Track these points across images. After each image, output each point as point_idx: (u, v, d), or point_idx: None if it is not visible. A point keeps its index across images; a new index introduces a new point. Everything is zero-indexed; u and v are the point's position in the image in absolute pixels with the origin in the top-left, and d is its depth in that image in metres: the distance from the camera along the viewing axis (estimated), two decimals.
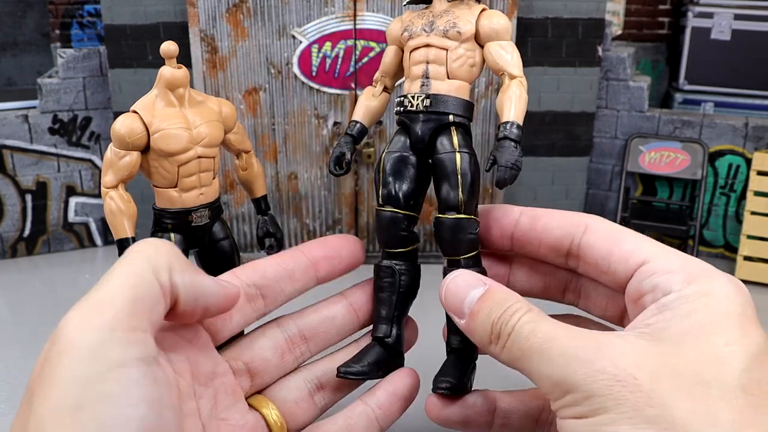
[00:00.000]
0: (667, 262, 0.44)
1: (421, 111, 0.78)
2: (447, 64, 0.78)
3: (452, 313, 0.50)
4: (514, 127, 0.70)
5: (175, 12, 1.89)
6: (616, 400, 0.36)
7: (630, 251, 0.47)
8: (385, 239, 0.81)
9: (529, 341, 0.42)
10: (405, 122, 0.81)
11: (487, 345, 0.46)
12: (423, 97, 0.78)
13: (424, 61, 0.79)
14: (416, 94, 0.80)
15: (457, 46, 0.78)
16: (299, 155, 2.01)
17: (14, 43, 2.73)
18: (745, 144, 2.04)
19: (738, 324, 0.39)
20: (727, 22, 2.45)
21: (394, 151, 0.80)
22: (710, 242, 2.14)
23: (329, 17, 1.85)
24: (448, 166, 0.69)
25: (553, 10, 1.92)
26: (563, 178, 2.07)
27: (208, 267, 1.17)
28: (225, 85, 1.90)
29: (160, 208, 1.07)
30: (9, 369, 1.46)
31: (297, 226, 2.05)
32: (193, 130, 1.04)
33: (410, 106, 0.79)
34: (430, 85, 0.79)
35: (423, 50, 0.80)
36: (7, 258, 2.05)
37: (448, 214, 0.67)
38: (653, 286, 0.44)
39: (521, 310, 0.44)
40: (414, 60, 0.81)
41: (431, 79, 0.79)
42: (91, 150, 2.08)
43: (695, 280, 0.42)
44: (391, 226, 0.78)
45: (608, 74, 2.11)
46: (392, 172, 0.78)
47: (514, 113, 0.70)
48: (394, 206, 0.76)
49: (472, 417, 0.55)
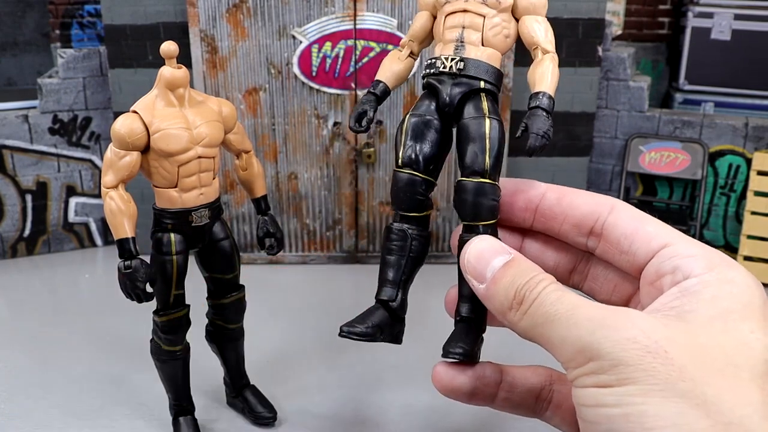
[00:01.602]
0: (689, 247, 0.44)
1: (453, 73, 0.78)
2: (483, 31, 0.78)
3: (473, 276, 0.49)
4: (546, 98, 0.70)
5: (175, 12, 1.89)
6: (647, 371, 0.35)
7: (653, 233, 0.47)
8: (401, 201, 0.80)
9: (555, 307, 0.41)
10: (433, 85, 0.81)
11: (506, 311, 0.45)
12: (457, 59, 0.78)
13: (460, 26, 0.79)
14: (450, 56, 0.80)
15: (495, 14, 0.78)
16: (299, 155, 2.01)
17: (14, 43, 2.73)
18: (745, 144, 2.05)
19: (761, 312, 0.39)
20: (727, 22, 2.46)
21: (418, 114, 0.80)
22: (710, 242, 2.14)
23: (329, 17, 1.85)
24: (477, 130, 0.68)
25: (553, 10, 1.92)
26: (563, 178, 2.07)
27: (208, 267, 1.18)
28: (225, 85, 1.91)
29: (160, 208, 1.07)
30: (9, 369, 1.47)
31: (297, 226, 2.05)
32: (193, 130, 1.04)
33: (443, 67, 0.79)
34: (465, 49, 0.79)
35: (460, 15, 0.80)
36: (7, 258, 2.06)
37: (472, 177, 0.67)
38: (674, 267, 0.43)
39: (547, 279, 0.44)
40: (449, 25, 0.81)
41: (466, 44, 0.79)
42: (91, 150, 2.09)
43: (716, 267, 0.42)
44: (409, 189, 0.77)
45: (608, 74, 2.11)
46: (415, 134, 0.77)
47: (546, 84, 0.70)
48: (414, 169, 0.76)
49: (479, 388, 0.54)
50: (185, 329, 1.12)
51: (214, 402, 1.30)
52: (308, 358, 1.47)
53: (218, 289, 1.16)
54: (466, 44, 0.82)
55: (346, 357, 1.47)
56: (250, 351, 1.25)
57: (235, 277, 1.16)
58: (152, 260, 1.06)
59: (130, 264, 0.97)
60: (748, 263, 1.92)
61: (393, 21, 1.81)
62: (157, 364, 1.14)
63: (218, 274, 1.15)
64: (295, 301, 1.75)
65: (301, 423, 1.26)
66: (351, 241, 2.00)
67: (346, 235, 1.99)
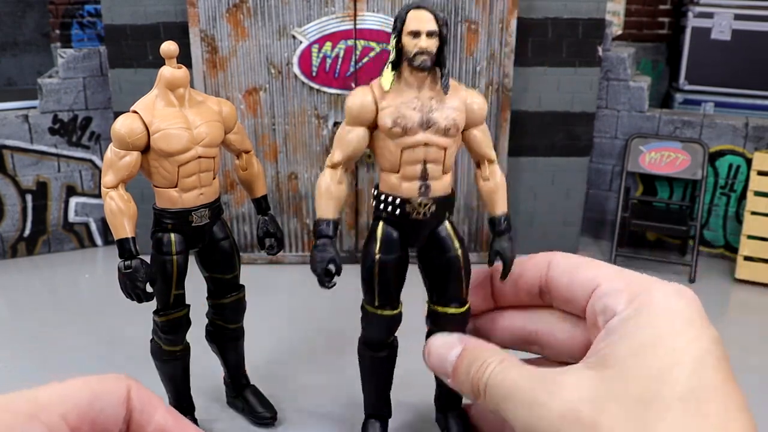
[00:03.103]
0: (614, 282, 0.47)
1: (423, 218, 0.82)
2: (444, 161, 0.80)
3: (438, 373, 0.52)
4: (505, 222, 0.76)
5: (175, 12, 1.89)
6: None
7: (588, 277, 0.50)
8: (385, 337, 0.89)
9: (499, 391, 0.44)
10: (400, 224, 0.85)
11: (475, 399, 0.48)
12: (429, 204, 0.81)
13: (421, 161, 0.80)
14: (420, 200, 0.82)
15: (453, 141, 0.80)
16: (299, 155, 2.02)
17: (14, 43, 2.73)
18: (745, 144, 2.04)
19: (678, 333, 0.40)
20: (727, 22, 2.46)
21: (389, 257, 0.84)
22: (710, 242, 2.14)
23: (329, 17, 1.85)
24: (454, 264, 0.73)
25: (553, 10, 1.92)
26: (563, 178, 2.07)
27: (208, 267, 1.18)
28: (225, 85, 1.90)
29: (160, 208, 1.07)
30: (9, 369, 1.47)
31: (297, 226, 2.05)
32: (194, 130, 1.04)
33: (415, 214, 0.82)
34: (431, 188, 0.81)
35: (421, 149, 0.80)
36: (7, 258, 2.06)
37: (454, 307, 0.73)
38: (603, 307, 0.46)
39: (494, 362, 0.47)
40: (407, 159, 0.81)
41: (430, 180, 0.81)
42: (92, 150, 2.09)
43: (636, 297, 0.44)
44: (393, 326, 0.84)
45: (608, 74, 2.11)
46: (389, 277, 0.82)
47: (503, 206, 0.75)
48: (393, 308, 0.81)
49: None
50: (185, 329, 1.12)
51: (214, 402, 1.30)
52: (308, 358, 1.47)
53: (218, 289, 1.16)
54: (430, 181, 0.81)
55: (346, 357, 1.47)
56: (250, 351, 1.25)
57: (235, 277, 1.16)
58: (152, 260, 1.06)
59: (131, 264, 0.98)
60: (748, 263, 1.92)
61: None
62: (157, 364, 1.14)
63: (218, 274, 1.15)
64: (295, 301, 1.75)
65: (301, 423, 1.26)
66: (351, 241, 2.00)
67: (346, 235, 1.99)
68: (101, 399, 0.30)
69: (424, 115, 0.77)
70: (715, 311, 1.89)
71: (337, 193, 0.84)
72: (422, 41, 0.74)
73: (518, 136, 1.97)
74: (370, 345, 1.01)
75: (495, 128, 1.91)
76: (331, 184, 0.83)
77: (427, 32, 0.74)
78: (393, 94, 0.78)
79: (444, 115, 0.76)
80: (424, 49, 0.74)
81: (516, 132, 1.95)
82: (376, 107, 0.79)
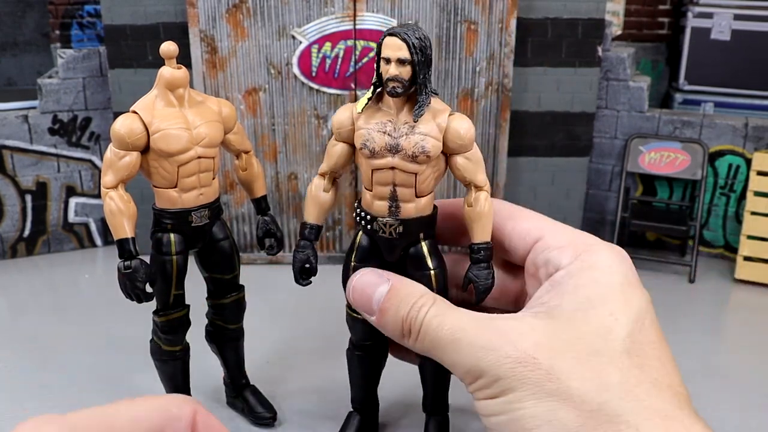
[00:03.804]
0: (558, 237, 0.49)
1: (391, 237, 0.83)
2: (416, 185, 0.79)
3: (362, 311, 0.52)
4: (485, 251, 0.74)
5: (175, 12, 1.89)
6: (520, 380, 0.40)
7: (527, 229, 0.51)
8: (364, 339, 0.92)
9: (438, 334, 0.45)
10: (373, 238, 0.86)
11: (401, 338, 0.49)
12: (396, 225, 0.81)
13: (390, 183, 0.80)
14: (387, 221, 0.83)
15: (425, 168, 0.79)
16: (299, 155, 2.02)
17: (14, 43, 2.73)
18: (745, 144, 2.04)
19: (620, 292, 0.43)
20: (727, 22, 2.46)
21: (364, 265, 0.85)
22: (710, 242, 2.14)
23: (329, 17, 1.85)
24: (427, 284, 0.73)
25: (553, 10, 1.92)
26: (563, 178, 2.07)
27: (207, 267, 1.18)
28: (225, 85, 1.90)
29: (160, 208, 1.07)
30: (9, 369, 1.47)
31: (297, 226, 2.04)
32: (193, 130, 1.04)
33: (381, 232, 0.83)
34: (400, 209, 0.81)
35: (389, 172, 0.80)
36: (7, 258, 2.05)
37: None
38: (546, 260, 0.48)
39: (427, 304, 0.48)
40: (378, 180, 0.81)
41: (400, 202, 0.81)
42: (91, 150, 2.09)
43: (581, 254, 0.46)
44: (369, 329, 0.85)
45: (608, 74, 2.11)
46: None
47: (486, 234, 0.74)
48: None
49: None
50: (185, 329, 1.12)
51: (214, 402, 1.30)
52: (308, 358, 1.47)
53: (218, 289, 1.16)
54: (400, 202, 0.81)
55: None
56: (250, 351, 1.25)
57: (234, 277, 1.16)
58: (152, 260, 1.06)
59: (130, 264, 0.98)
60: (748, 263, 1.92)
61: (393, 21, 1.82)
62: (157, 364, 1.14)
63: (218, 274, 1.15)
64: (295, 301, 1.75)
65: (301, 423, 1.26)
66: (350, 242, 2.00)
67: (346, 235, 1.99)
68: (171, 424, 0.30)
69: (393, 140, 0.77)
70: (714, 311, 1.88)
71: (322, 200, 0.85)
72: (392, 68, 0.74)
73: (518, 136, 1.97)
74: (354, 343, 1.04)
75: (495, 128, 1.91)
76: (317, 192, 0.85)
77: (397, 60, 0.74)
78: (368, 116, 0.78)
79: (413, 142, 0.76)
80: (394, 77, 0.74)
81: (516, 132, 1.95)
82: (353, 126, 0.79)
